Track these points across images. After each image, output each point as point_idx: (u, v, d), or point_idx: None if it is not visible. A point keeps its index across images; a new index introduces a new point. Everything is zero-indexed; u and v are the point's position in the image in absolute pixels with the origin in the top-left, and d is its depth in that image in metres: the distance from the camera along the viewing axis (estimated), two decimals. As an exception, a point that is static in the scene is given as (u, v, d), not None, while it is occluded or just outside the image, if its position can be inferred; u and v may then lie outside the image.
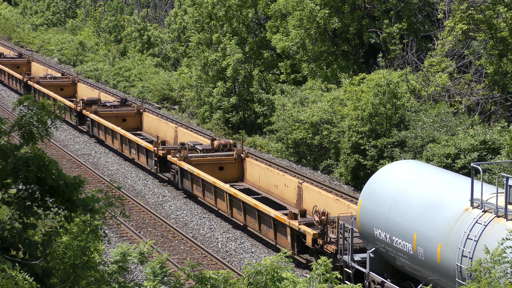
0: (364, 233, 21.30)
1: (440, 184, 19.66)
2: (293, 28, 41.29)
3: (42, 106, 10.23)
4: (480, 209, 17.81)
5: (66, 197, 10.06)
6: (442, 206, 18.78)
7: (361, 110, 33.21)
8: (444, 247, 18.24)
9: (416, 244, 19.16)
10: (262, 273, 12.75)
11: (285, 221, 24.67)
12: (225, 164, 32.77)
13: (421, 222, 19.05)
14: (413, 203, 19.58)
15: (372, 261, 20.97)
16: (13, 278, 9.10)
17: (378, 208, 20.60)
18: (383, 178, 21.17)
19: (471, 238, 17.41)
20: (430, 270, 19.06)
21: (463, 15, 33.57)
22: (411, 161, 24.32)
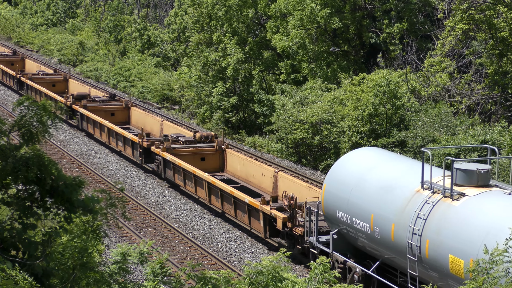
0: (328, 216, 22.71)
1: (396, 169, 21.07)
2: (293, 28, 41.28)
3: (43, 107, 10.23)
4: (430, 191, 19.12)
5: (65, 198, 10.05)
6: (397, 189, 20.16)
7: (361, 110, 33.21)
8: (397, 226, 19.63)
9: (373, 224, 20.59)
10: (263, 273, 12.76)
11: (258, 206, 26.10)
12: (206, 155, 34.17)
13: (377, 204, 20.49)
14: (371, 187, 21.00)
15: (335, 242, 22.46)
16: (13, 278, 9.10)
17: (340, 192, 22.01)
18: (345, 164, 22.63)
19: (421, 217, 18.78)
20: (385, 248, 20.44)
21: (463, 15, 33.57)
22: (372, 148, 26.09)
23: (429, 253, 18.80)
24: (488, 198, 18.21)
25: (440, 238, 18.39)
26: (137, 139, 35.60)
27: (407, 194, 19.77)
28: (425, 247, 18.81)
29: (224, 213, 29.53)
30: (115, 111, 43.87)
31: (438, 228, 18.48)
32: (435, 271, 18.83)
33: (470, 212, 18.01)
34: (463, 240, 17.76)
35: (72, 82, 52.92)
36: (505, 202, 17.77)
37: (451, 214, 18.29)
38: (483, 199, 18.21)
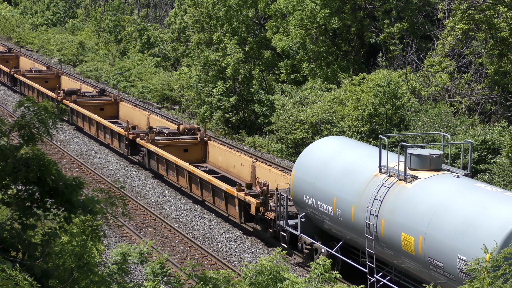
0: (296, 200, 24.31)
1: (357, 155, 22.80)
2: (293, 28, 41.28)
3: (44, 108, 10.24)
4: (386, 174, 20.78)
5: (65, 198, 10.05)
6: (357, 173, 21.86)
7: (361, 110, 33.22)
8: (357, 208, 21.25)
9: (336, 207, 22.20)
10: (263, 273, 12.77)
11: (233, 193, 27.64)
12: (189, 146, 35.66)
13: (339, 188, 22.15)
14: (334, 172, 22.68)
15: (303, 225, 24.19)
16: (13, 278, 9.10)
17: (307, 177, 23.62)
18: (312, 151, 24.28)
19: (377, 198, 20.40)
20: (347, 228, 22.07)
21: (463, 15, 33.57)
22: (336, 136, 28.02)
23: (384, 232, 20.25)
24: (437, 180, 19.79)
25: (394, 217, 19.92)
26: (123, 132, 37.04)
27: (366, 178, 21.32)
28: (381, 227, 20.28)
29: (204, 201, 30.92)
30: (104, 105, 45.14)
31: (393, 208, 20.04)
32: (390, 248, 20.25)
33: (421, 193, 19.57)
34: (413, 219, 19.28)
35: (64, 78, 54.32)
36: (452, 184, 19.37)
37: (404, 195, 19.87)
38: (433, 181, 19.78)
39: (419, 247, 19.06)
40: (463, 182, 19.57)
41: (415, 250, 19.16)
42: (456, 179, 19.75)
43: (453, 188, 19.24)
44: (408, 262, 19.76)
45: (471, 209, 18.16)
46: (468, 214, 18.11)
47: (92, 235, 11.56)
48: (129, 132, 36.71)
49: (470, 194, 18.79)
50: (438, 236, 18.48)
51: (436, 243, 18.54)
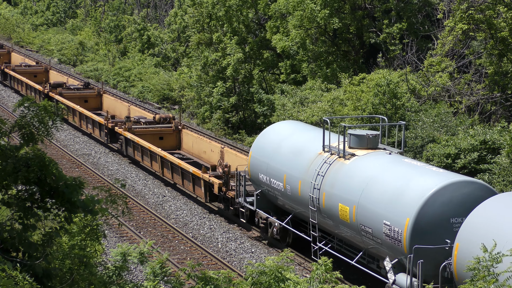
0: (253, 179, 26.77)
1: (305, 137, 25.16)
2: (293, 28, 41.27)
3: (44, 108, 10.23)
4: (329, 153, 23.21)
5: (66, 198, 10.04)
6: (304, 152, 24.24)
7: (361, 110, 33.21)
8: (303, 183, 23.57)
9: (286, 183, 24.59)
10: (266, 273, 12.77)
11: (199, 175, 29.96)
12: (164, 134, 37.87)
13: (289, 165, 24.57)
14: (285, 152, 25.10)
15: (258, 201, 26.56)
16: (13, 278, 9.10)
17: (262, 157, 26.07)
18: (267, 134, 26.80)
19: (320, 174, 22.76)
20: (295, 202, 24.43)
21: (463, 15, 33.56)
22: (290, 121, 29.92)
23: (325, 204, 22.60)
24: (372, 157, 22.18)
25: (333, 190, 22.27)
26: (103, 121, 39.33)
27: (311, 156, 23.77)
28: (322, 199, 22.64)
29: (176, 184, 33.30)
30: (88, 97, 47.52)
31: (332, 182, 22.39)
32: (330, 218, 22.58)
33: (356, 168, 21.96)
34: (349, 191, 21.65)
35: (52, 73, 56.66)
36: (384, 160, 21.82)
37: (342, 170, 22.27)
38: (368, 158, 22.18)
39: (353, 215, 21.32)
40: (393, 158, 21.89)
41: (350, 218, 21.47)
42: (387, 156, 22.13)
43: (383, 163, 21.54)
44: (345, 230, 22.05)
45: (397, 181, 20.41)
46: (393, 185, 20.34)
47: (92, 235, 11.56)
48: (108, 122, 38.93)
49: (397, 168, 21.06)
50: (368, 205, 20.76)
51: (366, 212, 20.79)
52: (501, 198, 18.55)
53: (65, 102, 45.02)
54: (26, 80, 52.87)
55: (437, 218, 19.02)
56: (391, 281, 20.03)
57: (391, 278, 20.04)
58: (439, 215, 19.01)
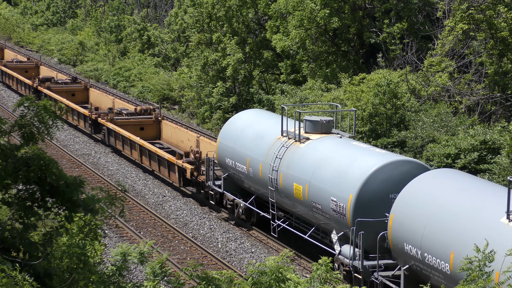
0: (220, 163, 28.93)
1: (267, 123, 27.28)
2: (293, 28, 41.26)
3: (44, 107, 10.22)
4: (286, 137, 25.33)
5: (66, 198, 10.03)
6: (265, 137, 26.35)
7: (361, 110, 33.21)
8: (263, 165, 25.69)
9: (249, 166, 26.72)
10: (266, 273, 12.76)
11: (173, 161, 32.06)
12: (145, 125, 39.96)
13: (251, 150, 26.67)
14: (249, 137, 27.16)
15: (225, 184, 28.68)
16: (13, 278, 9.09)
17: (228, 143, 28.17)
18: (233, 121, 28.97)
19: (278, 156, 24.90)
20: (257, 184, 26.48)
21: (463, 15, 33.56)
22: (254, 109, 32.28)
23: (282, 184, 24.69)
24: (324, 140, 24.34)
25: (289, 171, 24.39)
26: (87, 113, 41.50)
27: (271, 141, 25.92)
28: (280, 179, 24.73)
29: (153, 171, 35.39)
30: (75, 91, 49.46)
31: (289, 164, 24.51)
32: (286, 197, 24.68)
33: (309, 151, 24.05)
34: (302, 171, 23.75)
35: (43, 68, 58.43)
36: (334, 143, 24.02)
37: (298, 153, 24.36)
38: (320, 141, 24.33)
39: (306, 194, 23.44)
40: (343, 141, 24.12)
41: (303, 196, 23.60)
42: (338, 139, 24.33)
43: (333, 146, 23.81)
44: (299, 207, 24.23)
45: (343, 161, 22.61)
46: (340, 165, 22.55)
47: (91, 235, 11.55)
48: (92, 113, 41.06)
49: (345, 150, 23.29)
50: (318, 184, 22.90)
51: (317, 190, 22.91)
52: (431, 174, 20.41)
53: (53, 95, 46.62)
54: (16, 75, 54.94)
55: (377, 193, 21.09)
56: (337, 252, 22.14)
57: (337, 249, 22.18)
58: (379, 191, 21.07)
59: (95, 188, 11.01)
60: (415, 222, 19.05)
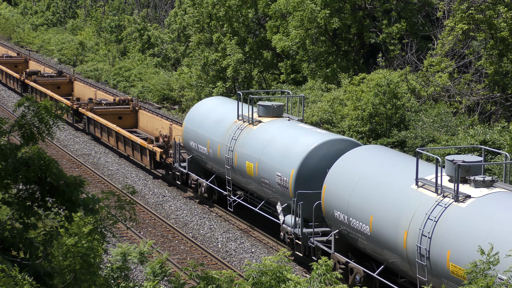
0: (185, 146, 31.54)
1: (227, 109, 29.82)
2: (293, 28, 41.26)
3: (44, 107, 10.22)
4: (242, 121, 28.10)
5: (66, 197, 10.03)
6: (223, 121, 28.98)
7: (361, 110, 33.21)
8: (221, 146, 28.42)
9: (209, 147, 29.37)
10: (267, 273, 12.76)
11: (145, 145, 34.61)
12: (123, 114, 42.13)
13: (212, 132, 29.34)
14: (210, 121, 29.79)
15: (190, 165, 31.36)
16: (12, 278, 9.09)
17: (192, 127, 30.86)
18: (197, 107, 31.79)
19: (234, 138, 27.64)
20: (216, 163, 29.28)
21: (463, 15, 33.56)
22: (217, 96, 35.57)
23: (237, 162, 27.36)
24: (274, 123, 27.15)
25: (242, 150, 27.07)
26: (69, 103, 43.63)
27: (228, 124, 28.60)
28: (235, 158, 27.46)
29: (129, 156, 37.79)
30: (60, 84, 51.82)
31: (242, 144, 27.20)
32: (240, 174, 27.36)
33: (260, 132, 26.82)
34: (253, 150, 26.45)
35: (31, 63, 60.86)
36: (282, 124, 26.82)
37: (250, 134, 27.08)
38: (271, 123, 27.17)
39: (256, 170, 26.17)
40: (290, 123, 26.90)
41: (254, 173, 26.30)
42: (286, 122, 27.13)
43: (281, 127, 26.51)
44: (251, 183, 26.90)
45: (288, 140, 25.34)
46: (285, 144, 25.22)
47: (98, 236, 11.56)
48: (73, 103, 43.43)
49: (291, 131, 25.93)
50: (266, 161, 25.62)
51: (265, 166, 25.65)
52: (358, 150, 23.16)
53: (39, 88, 49.29)
54: (7, 70, 57.55)
55: (316, 168, 23.73)
56: (281, 221, 24.93)
57: (281, 219, 24.99)
58: (317, 166, 23.72)
59: (105, 192, 11.03)
60: (342, 191, 21.78)
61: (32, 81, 51.00)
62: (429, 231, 18.15)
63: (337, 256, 22.34)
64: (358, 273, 21.54)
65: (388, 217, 19.80)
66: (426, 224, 18.31)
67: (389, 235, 19.71)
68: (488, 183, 18.74)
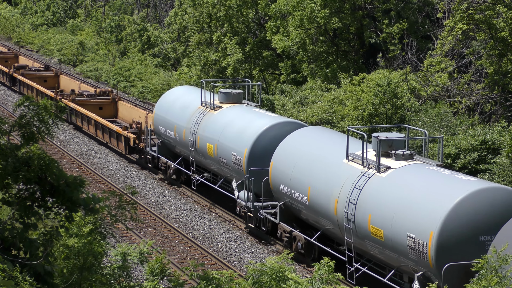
0: (156, 131, 34.45)
1: (192, 97, 32.69)
2: (293, 28, 41.26)
3: (44, 107, 10.22)
4: (205, 107, 30.96)
5: (67, 197, 10.03)
6: (189, 107, 31.90)
7: (361, 110, 33.21)
8: (186, 131, 31.26)
9: (176, 132, 32.15)
10: (267, 272, 12.76)
11: (120, 132, 37.36)
12: (103, 105, 44.52)
13: (178, 118, 32.15)
14: (176, 108, 32.76)
15: (160, 149, 34.00)
16: (13, 278, 9.09)
17: (161, 114, 33.78)
18: (166, 95, 34.74)
19: (197, 122, 30.51)
20: (181, 146, 31.92)
21: (463, 15, 33.56)
22: (185, 86, 38.67)
23: (199, 144, 30.20)
24: (233, 108, 30.06)
25: (204, 133, 29.88)
26: (53, 94, 46.10)
27: (193, 110, 31.44)
28: (197, 141, 30.25)
29: (107, 143, 40.35)
30: (47, 78, 54.32)
31: (204, 127, 29.97)
32: (202, 156, 30.16)
33: (220, 116, 29.67)
34: (213, 133, 29.22)
35: (21, 58, 63.68)
36: (240, 109, 29.76)
37: (211, 118, 29.97)
38: (230, 109, 30.06)
39: (215, 151, 28.99)
40: (247, 108, 29.80)
41: (213, 153, 29.11)
42: (244, 107, 29.99)
43: (239, 112, 29.33)
44: (212, 163, 29.71)
45: (243, 123, 28.08)
46: (241, 126, 27.99)
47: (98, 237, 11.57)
48: (57, 95, 45.78)
49: (247, 115, 28.75)
50: (224, 142, 28.40)
51: (223, 147, 28.46)
52: (301, 130, 25.85)
53: (26, 81, 52.21)
54: None
55: (266, 148, 26.39)
56: (236, 196, 27.63)
57: (236, 194, 27.66)
58: (267, 146, 26.35)
59: (107, 192, 11.02)
60: (286, 167, 24.64)
61: (20, 74, 53.56)
62: (354, 199, 20.93)
63: (283, 226, 25.28)
64: (300, 240, 24.39)
65: (323, 188, 22.69)
66: (352, 193, 21.08)
67: (323, 204, 22.60)
68: (408, 156, 21.33)
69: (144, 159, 36.13)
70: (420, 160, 21.51)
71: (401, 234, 19.09)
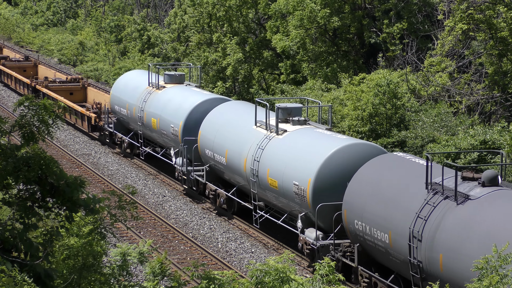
0: (112, 110, 38.71)
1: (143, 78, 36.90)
2: (293, 28, 41.24)
3: (44, 107, 10.21)
4: (152, 87, 35.70)
5: (67, 197, 10.02)
6: (138, 88, 36.41)
7: (361, 110, 33.21)
8: (136, 108, 35.71)
9: (128, 109, 36.89)
10: (270, 273, 12.74)
11: (84, 112, 42.29)
12: (74, 91, 49.07)
13: (130, 97, 36.94)
14: (129, 89, 37.45)
15: (115, 125, 38.64)
16: (13, 278, 9.08)
17: (117, 94, 38.41)
18: (121, 78, 39.82)
19: (144, 100, 35.33)
20: (133, 122, 36.46)
21: (463, 15, 33.56)
22: (137, 70, 43.22)
23: (146, 119, 34.89)
24: (175, 88, 35.01)
25: (150, 110, 34.60)
26: (29, 81, 51.03)
27: (142, 90, 35.97)
28: (144, 117, 35.09)
29: (74, 124, 44.66)
30: (26, 68, 58.42)
31: (150, 105, 34.69)
32: (149, 129, 34.89)
33: (163, 94, 34.46)
34: (156, 108, 34.12)
35: (5, 51, 68.16)
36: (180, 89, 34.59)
37: (156, 97, 34.68)
38: (172, 88, 34.88)
39: (158, 124, 33.61)
40: (186, 88, 34.60)
41: (157, 127, 33.78)
42: (184, 87, 34.79)
43: (178, 91, 34.08)
44: (156, 136, 34.39)
45: (180, 100, 32.81)
46: (178, 102, 32.81)
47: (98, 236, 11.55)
48: (32, 82, 50.60)
49: (185, 93, 33.57)
50: (164, 116, 33.07)
51: (163, 121, 33.13)
52: (225, 104, 30.63)
53: (6, 70, 56.73)
54: None
55: (198, 120, 30.69)
56: (174, 162, 32.49)
57: (174, 161, 32.43)
58: (199, 118, 30.68)
59: (107, 192, 11.02)
60: (210, 135, 29.33)
61: (1, 65, 58.53)
62: (258, 157, 25.75)
63: (209, 186, 29.87)
64: (222, 196, 29.19)
65: (236, 149, 27.48)
66: (257, 152, 25.89)
67: (236, 163, 27.45)
68: (302, 122, 26.39)
69: (103, 135, 40.97)
70: (313, 125, 26.36)
71: (289, 182, 23.99)
